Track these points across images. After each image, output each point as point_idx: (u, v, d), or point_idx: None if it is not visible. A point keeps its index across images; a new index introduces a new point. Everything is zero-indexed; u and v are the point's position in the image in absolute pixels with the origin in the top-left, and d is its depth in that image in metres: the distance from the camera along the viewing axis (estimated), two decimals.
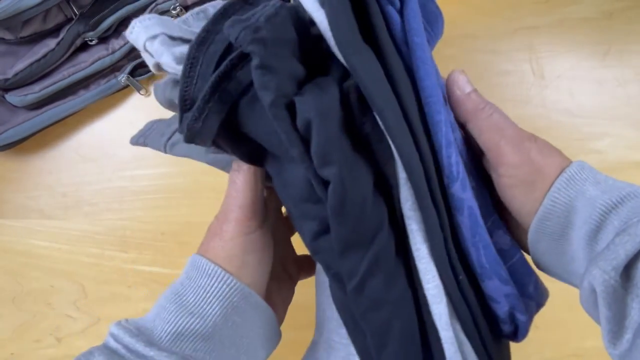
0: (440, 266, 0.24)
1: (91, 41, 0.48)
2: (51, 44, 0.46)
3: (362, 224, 0.23)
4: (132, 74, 0.51)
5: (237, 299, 0.27)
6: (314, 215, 0.25)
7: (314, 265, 0.34)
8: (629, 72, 0.51)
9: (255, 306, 0.28)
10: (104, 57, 0.48)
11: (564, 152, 0.27)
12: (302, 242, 0.27)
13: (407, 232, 0.24)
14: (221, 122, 0.23)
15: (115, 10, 0.47)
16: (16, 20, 0.43)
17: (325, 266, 0.26)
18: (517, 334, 0.27)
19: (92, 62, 0.48)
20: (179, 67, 0.25)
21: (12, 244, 0.51)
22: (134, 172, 0.51)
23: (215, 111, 0.23)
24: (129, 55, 0.50)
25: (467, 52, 0.51)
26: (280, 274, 0.34)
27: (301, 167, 0.23)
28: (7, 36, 0.46)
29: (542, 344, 0.45)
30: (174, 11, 0.48)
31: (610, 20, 0.51)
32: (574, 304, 0.25)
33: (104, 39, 0.49)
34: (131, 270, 0.50)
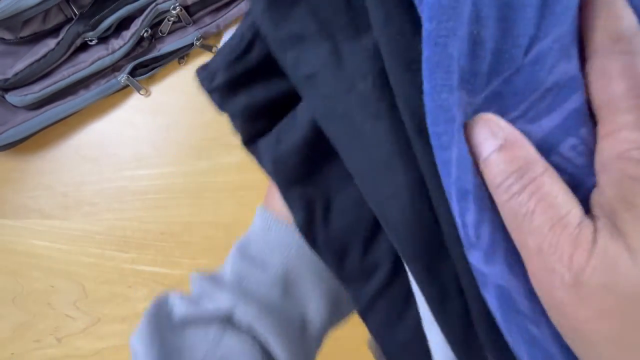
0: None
1: (91, 41, 0.48)
2: (51, 44, 0.46)
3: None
4: (132, 74, 0.51)
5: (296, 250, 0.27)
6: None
7: None
8: None
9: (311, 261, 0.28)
10: (103, 57, 0.48)
11: None
12: None
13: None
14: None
15: (115, 10, 0.47)
16: (16, 20, 0.43)
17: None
18: None
19: (92, 62, 0.48)
20: None
21: (12, 244, 0.51)
22: (134, 172, 0.51)
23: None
24: (128, 55, 0.50)
25: None
26: None
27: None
28: (7, 36, 0.46)
29: None
30: (173, 11, 0.48)
31: None
32: None
33: (103, 39, 0.49)
34: (131, 270, 0.50)
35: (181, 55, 0.52)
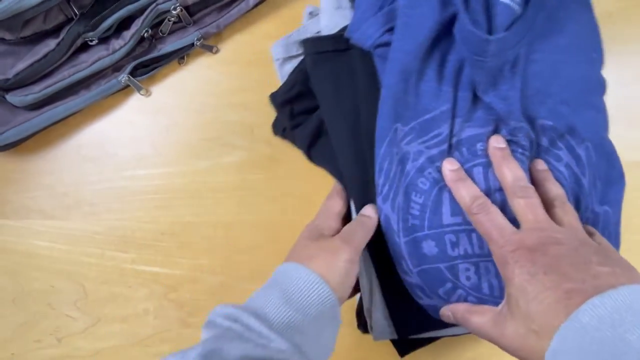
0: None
1: (91, 41, 0.48)
2: (51, 44, 0.46)
3: None
4: (133, 74, 0.51)
5: (327, 308, 0.33)
6: None
7: None
8: (629, 73, 0.51)
9: (334, 316, 0.34)
10: (104, 57, 0.48)
11: None
12: None
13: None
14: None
15: (115, 10, 0.47)
16: (16, 20, 0.43)
17: None
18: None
19: (93, 62, 0.48)
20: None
21: (12, 244, 0.51)
22: (134, 172, 0.52)
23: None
24: (129, 55, 0.50)
25: None
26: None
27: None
28: (8, 36, 0.46)
29: None
30: (174, 11, 0.48)
31: (610, 20, 0.51)
32: None
33: (104, 39, 0.49)
34: (131, 270, 0.50)
35: (181, 55, 0.53)
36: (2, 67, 0.46)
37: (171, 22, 0.50)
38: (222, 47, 0.54)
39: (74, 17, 0.47)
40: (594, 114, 0.39)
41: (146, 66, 0.51)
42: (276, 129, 0.48)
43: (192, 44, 0.52)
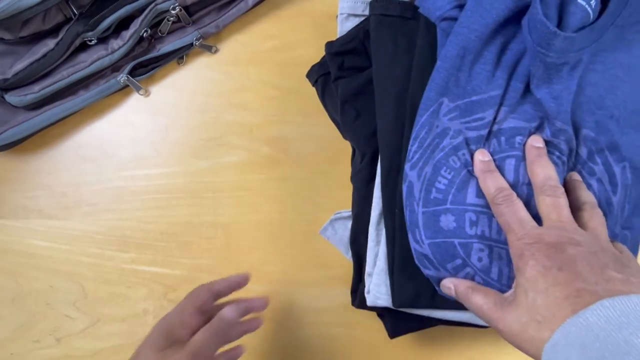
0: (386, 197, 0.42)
1: (90, 41, 0.48)
2: (50, 44, 0.46)
3: None
4: (132, 74, 0.51)
5: None
6: None
7: None
8: None
9: None
10: (103, 57, 0.48)
11: None
12: None
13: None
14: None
15: (114, 10, 0.47)
16: (15, 20, 0.43)
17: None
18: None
19: (92, 62, 0.48)
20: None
21: (11, 244, 0.51)
22: (134, 172, 0.51)
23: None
24: (128, 55, 0.50)
25: None
26: None
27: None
28: (7, 36, 0.46)
29: None
30: (173, 11, 0.48)
31: None
32: None
33: (103, 39, 0.49)
34: (131, 270, 0.50)
35: (181, 55, 0.53)
36: (1, 67, 0.46)
37: (170, 22, 0.50)
38: (221, 47, 0.54)
39: (73, 17, 0.47)
40: (638, 135, 0.38)
41: (145, 66, 0.51)
42: (311, 75, 0.50)
43: (191, 44, 0.52)
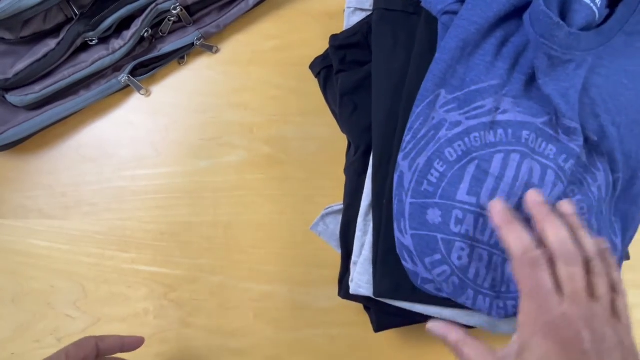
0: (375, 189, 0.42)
1: (91, 41, 0.48)
2: (51, 44, 0.46)
3: None
4: (133, 74, 0.51)
5: None
6: None
7: None
8: None
9: None
10: (104, 57, 0.48)
11: None
12: None
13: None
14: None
15: (115, 10, 0.47)
16: (16, 20, 0.43)
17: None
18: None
19: (93, 62, 0.48)
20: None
21: (11, 244, 0.51)
22: (134, 172, 0.52)
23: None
24: (129, 55, 0.50)
25: None
26: None
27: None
28: (7, 36, 0.46)
29: None
30: (174, 11, 0.48)
31: None
32: None
33: (104, 39, 0.49)
34: (131, 270, 0.50)
35: (181, 55, 0.53)
36: (2, 67, 0.46)
37: (171, 22, 0.50)
38: (222, 47, 0.54)
39: (74, 17, 0.47)
40: (637, 146, 0.39)
41: (146, 66, 0.51)
42: (314, 67, 0.50)
43: (192, 44, 0.52)
